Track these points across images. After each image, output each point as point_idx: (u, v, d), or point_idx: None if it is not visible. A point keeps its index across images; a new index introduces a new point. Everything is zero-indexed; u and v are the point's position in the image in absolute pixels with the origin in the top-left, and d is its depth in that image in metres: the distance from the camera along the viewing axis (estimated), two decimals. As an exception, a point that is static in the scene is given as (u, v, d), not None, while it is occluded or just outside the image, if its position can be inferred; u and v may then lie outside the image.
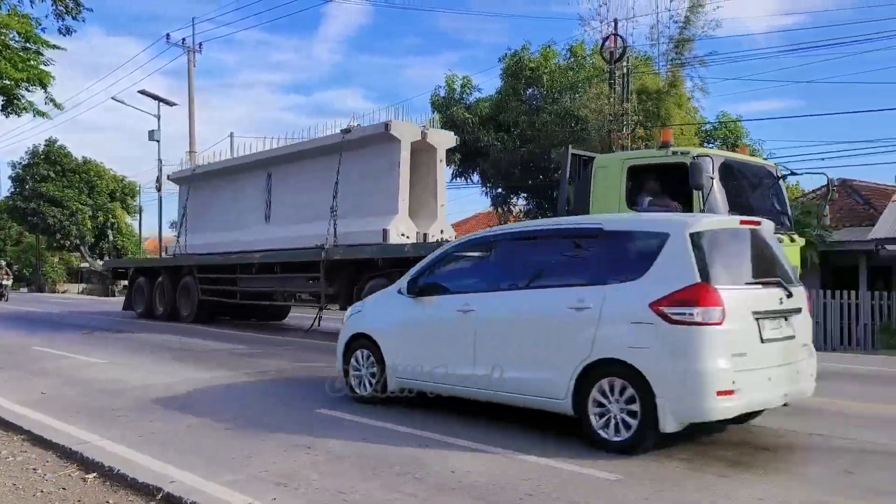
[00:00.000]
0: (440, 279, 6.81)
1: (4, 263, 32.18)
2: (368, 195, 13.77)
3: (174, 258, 18.58)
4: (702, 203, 8.60)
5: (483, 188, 26.94)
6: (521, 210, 27.91)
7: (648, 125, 22.41)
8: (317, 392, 7.70)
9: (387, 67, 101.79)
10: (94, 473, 5.02)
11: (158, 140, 31.78)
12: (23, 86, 17.47)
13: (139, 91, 30.71)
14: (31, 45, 17.35)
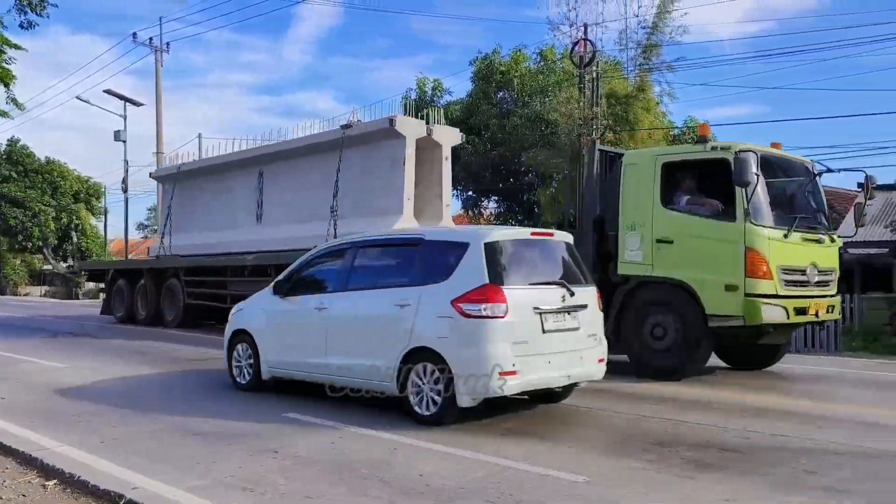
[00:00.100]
0: (302, 281, 7.75)
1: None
2: (371, 194, 13.19)
3: (158, 259, 17.77)
4: (745, 201, 8.20)
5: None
6: (492, 213, 28.01)
7: (617, 129, 22.63)
8: (286, 397, 7.64)
9: (357, 69, 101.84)
10: (55, 480, 4.92)
11: (124, 140, 31.26)
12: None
13: (104, 90, 30.17)
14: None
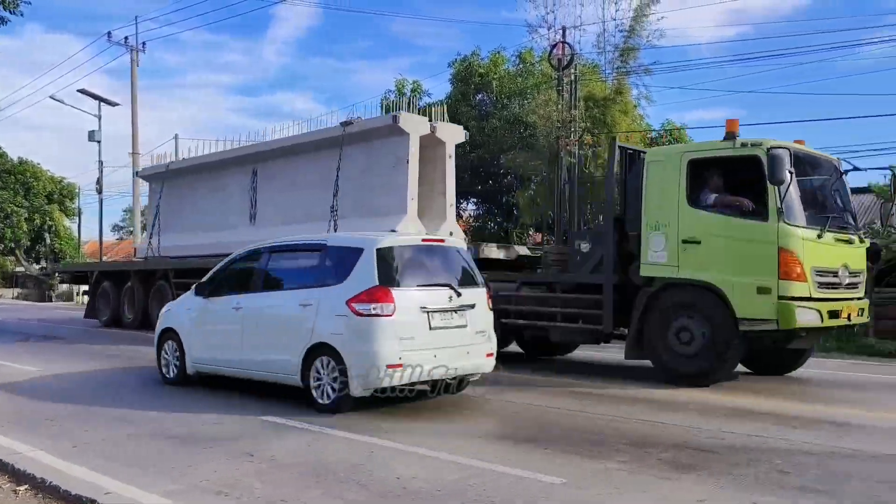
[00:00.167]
0: (222, 283, 8.29)
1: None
2: (372, 193, 12.78)
3: (146, 261, 17.26)
4: (779, 199, 7.94)
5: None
6: (471, 215, 28.02)
7: (595, 132, 22.76)
8: (263, 399, 7.58)
9: (336, 70, 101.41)
10: (26, 486, 4.83)
11: (99, 141, 30.86)
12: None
13: (79, 90, 29.77)
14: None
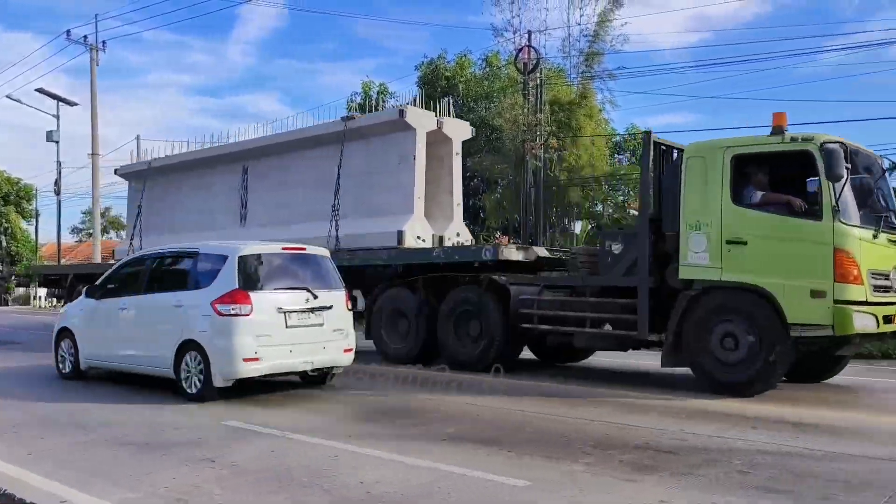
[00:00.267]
0: (111, 286, 9.15)
1: None
2: (376, 192, 12.23)
3: None
4: (834, 197, 7.56)
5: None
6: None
7: (560, 135, 22.94)
8: (225, 404, 7.47)
9: (302, 72, 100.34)
10: (-23, 495, 4.69)
11: (57, 141, 30.28)
12: None
13: (37, 89, 29.23)
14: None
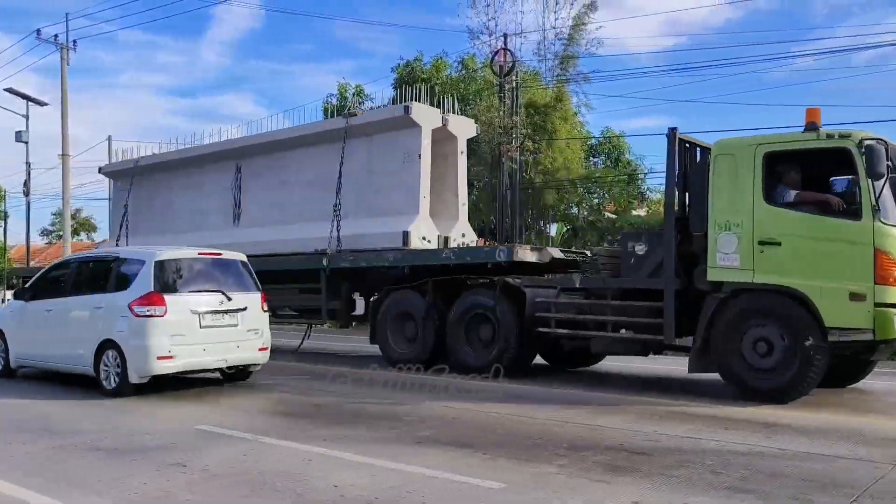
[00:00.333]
0: (39, 289, 9.79)
1: None
2: (379, 192, 11.91)
3: None
4: (873, 196, 7.35)
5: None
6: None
7: (536, 138, 23.03)
8: (197, 408, 7.39)
9: (278, 73, 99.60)
10: (-60, 503, 4.59)
11: (26, 141, 29.69)
12: None
13: (5, 89, 28.62)
14: None
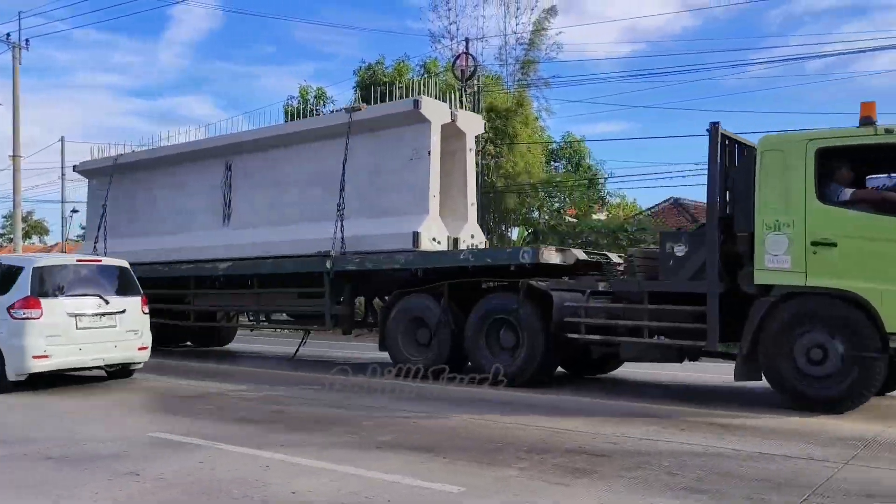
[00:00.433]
0: None
1: None
2: (385, 191, 11.45)
3: None
4: None
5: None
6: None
7: (497, 142, 23.16)
8: (152, 414, 7.25)
9: (238, 75, 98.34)
10: None
11: (-23, 142, 28.97)
12: None
13: (-45, 87, 27.90)
14: None
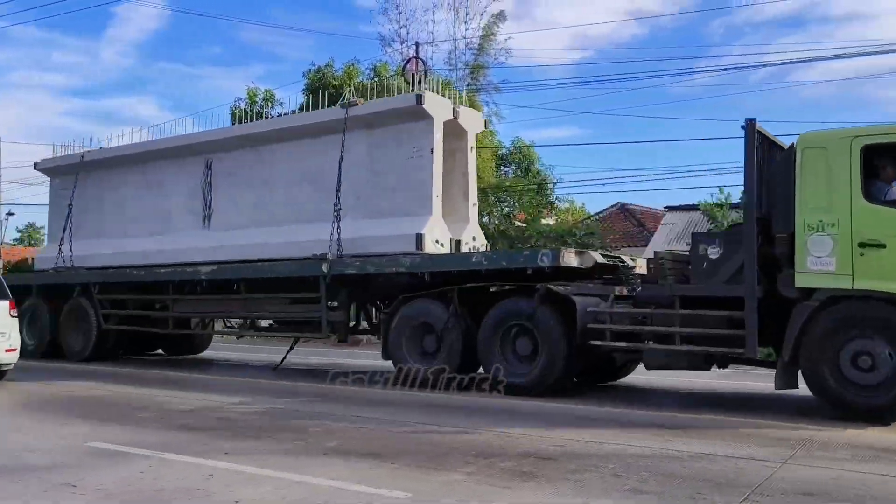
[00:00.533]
0: None
1: None
2: (384, 191, 11.04)
3: (57, 273, 14.41)
4: None
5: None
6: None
7: (448, 147, 23.17)
8: (90, 423, 7.05)
9: (184, 76, 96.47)
10: None
11: None
12: None
13: None
14: None
